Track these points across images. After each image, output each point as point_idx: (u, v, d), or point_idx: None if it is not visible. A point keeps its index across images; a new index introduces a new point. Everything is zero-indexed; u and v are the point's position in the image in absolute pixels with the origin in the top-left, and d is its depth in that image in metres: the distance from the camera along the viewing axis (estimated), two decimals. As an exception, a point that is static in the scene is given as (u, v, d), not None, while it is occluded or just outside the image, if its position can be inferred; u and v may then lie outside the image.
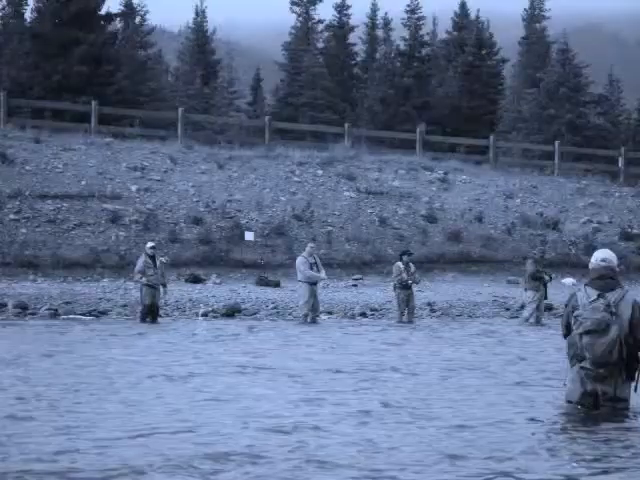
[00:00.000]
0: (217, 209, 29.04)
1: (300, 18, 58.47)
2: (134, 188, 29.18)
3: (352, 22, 59.22)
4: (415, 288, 22.17)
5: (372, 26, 61.09)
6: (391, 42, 58.10)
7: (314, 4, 58.16)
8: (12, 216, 26.82)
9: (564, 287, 26.35)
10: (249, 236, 28.12)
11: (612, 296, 8.39)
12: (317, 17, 58.93)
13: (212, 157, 32.09)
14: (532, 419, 8.45)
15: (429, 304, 23.84)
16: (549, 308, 23.04)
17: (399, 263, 21.73)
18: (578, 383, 8.43)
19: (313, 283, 20.77)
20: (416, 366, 12.47)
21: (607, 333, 8.26)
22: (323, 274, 21.23)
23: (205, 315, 21.49)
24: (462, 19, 60.11)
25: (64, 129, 32.66)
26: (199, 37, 57.65)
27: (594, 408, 8.37)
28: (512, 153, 42.99)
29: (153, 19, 57.71)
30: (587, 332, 8.31)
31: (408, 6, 56.46)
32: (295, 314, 21.64)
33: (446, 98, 54.02)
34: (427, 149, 37.33)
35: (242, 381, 10.85)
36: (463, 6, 60.40)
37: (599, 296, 8.39)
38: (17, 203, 27.30)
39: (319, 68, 55.25)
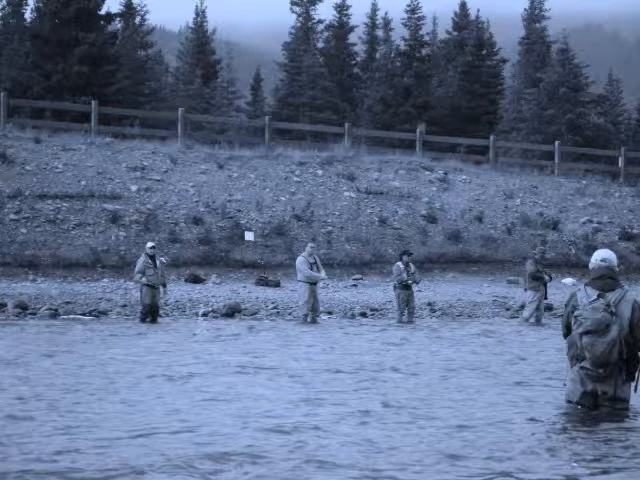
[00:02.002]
0: (217, 209, 29.04)
1: (300, 18, 58.50)
2: (134, 188, 29.19)
3: (352, 22, 59.30)
4: (415, 288, 22.17)
5: (372, 26, 61.15)
6: (391, 42, 58.12)
7: (314, 4, 58.19)
8: (12, 216, 26.82)
9: (564, 287, 26.37)
10: (249, 236, 28.11)
11: (612, 296, 8.39)
12: (317, 17, 59.02)
13: (212, 157, 32.09)
14: (532, 419, 8.45)
15: (429, 304, 23.83)
16: (549, 308, 23.03)
17: (399, 263, 21.73)
18: (578, 383, 8.44)
19: (313, 283, 20.76)
20: (416, 366, 12.47)
21: (607, 333, 8.26)
22: (323, 274, 21.23)
23: (205, 315, 21.49)
24: (462, 19, 60.13)
25: (64, 129, 32.67)
26: (199, 37, 57.70)
27: (594, 408, 8.37)
28: (512, 153, 42.99)
29: (153, 19, 57.91)
30: (587, 332, 8.30)
31: (408, 6, 56.52)
32: (295, 314, 21.63)
33: (446, 98, 54.04)
34: (427, 149, 37.33)
35: (242, 381, 10.84)
36: (463, 6, 60.44)
37: (599, 296, 8.39)
38: (17, 203, 27.30)
39: (319, 68, 55.28)
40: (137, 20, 53.96)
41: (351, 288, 26.07)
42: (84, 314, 21.11)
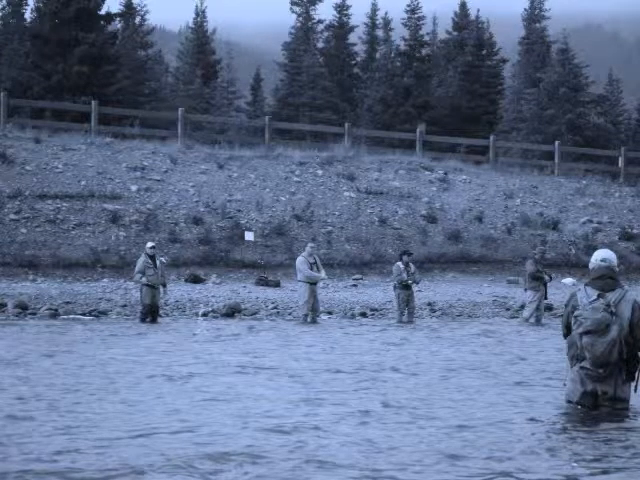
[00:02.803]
0: (217, 209, 29.04)
1: (300, 18, 58.51)
2: (134, 188, 29.19)
3: (352, 22, 59.30)
4: (415, 288, 22.17)
5: (372, 26, 61.15)
6: (391, 42, 58.13)
7: (314, 4, 58.19)
8: (12, 216, 26.82)
9: (564, 287, 26.37)
10: (249, 236, 28.11)
11: (612, 296, 8.39)
12: (317, 17, 59.03)
13: (212, 157, 32.09)
14: (532, 419, 8.45)
15: (429, 304, 23.83)
16: (549, 308, 23.03)
17: (399, 263, 21.73)
18: (578, 383, 8.43)
19: (313, 283, 20.76)
20: (416, 366, 12.47)
21: (607, 333, 8.26)
22: (323, 274, 21.23)
23: (205, 315, 21.49)
24: (462, 19, 60.13)
25: (64, 129, 32.67)
26: (199, 37, 57.71)
27: (594, 408, 8.37)
28: (512, 153, 42.99)
29: (153, 19, 57.92)
30: (587, 332, 8.30)
31: (408, 6, 56.53)
32: (295, 314, 21.63)
33: (446, 98, 54.04)
34: (427, 149, 37.33)
35: (242, 381, 10.84)
36: (463, 6, 60.44)
37: (599, 296, 8.39)
38: (17, 203, 27.30)
39: (319, 68, 55.28)
40: (137, 20, 53.97)
41: (351, 288, 26.07)
42: (84, 314, 21.11)
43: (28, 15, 50.55)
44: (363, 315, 22.38)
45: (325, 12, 59.85)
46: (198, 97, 52.50)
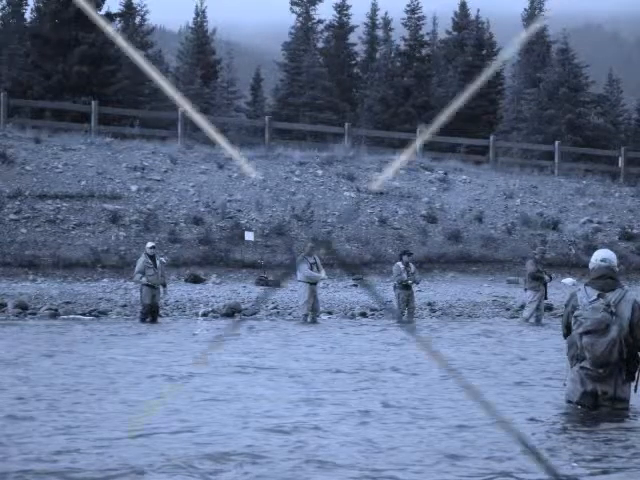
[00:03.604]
0: (217, 209, 29.03)
1: (300, 18, 58.54)
2: (134, 188, 29.19)
3: (352, 22, 59.34)
4: (415, 288, 22.17)
5: (372, 26, 61.18)
6: (391, 42, 58.14)
7: (314, 4, 58.22)
8: (12, 216, 26.82)
9: (564, 287, 26.37)
10: (249, 236, 28.10)
11: (612, 296, 8.39)
12: (317, 17, 59.06)
13: (212, 157, 32.08)
14: (532, 419, 8.45)
15: (429, 304, 23.82)
16: (549, 308, 23.03)
17: (399, 263, 21.72)
18: (578, 383, 8.44)
19: (313, 283, 20.75)
20: (416, 366, 12.46)
21: (607, 333, 8.26)
22: (323, 274, 21.22)
23: (205, 315, 21.48)
24: (462, 19, 60.15)
25: (64, 129, 32.66)
26: (199, 37, 57.71)
27: (594, 408, 8.37)
28: (512, 153, 42.99)
29: (153, 19, 57.86)
30: (587, 332, 8.31)
31: (408, 6, 56.55)
32: (295, 314, 21.62)
33: (446, 98, 54.03)
34: (427, 149, 37.33)
35: (242, 381, 10.84)
36: (463, 6, 60.46)
37: (599, 296, 8.39)
38: (17, 203, 27.30)
39: (319, 68, 55.29)
40: (137, 20, 53.96)
41: (351, 288, 26.06)
42: (84, 314, 21.09)
43: (28, 15, 50.66)
44: (363, 315, 22.37)
45: (325, 12, 59.97)
46: (198, 97, 52.50)
